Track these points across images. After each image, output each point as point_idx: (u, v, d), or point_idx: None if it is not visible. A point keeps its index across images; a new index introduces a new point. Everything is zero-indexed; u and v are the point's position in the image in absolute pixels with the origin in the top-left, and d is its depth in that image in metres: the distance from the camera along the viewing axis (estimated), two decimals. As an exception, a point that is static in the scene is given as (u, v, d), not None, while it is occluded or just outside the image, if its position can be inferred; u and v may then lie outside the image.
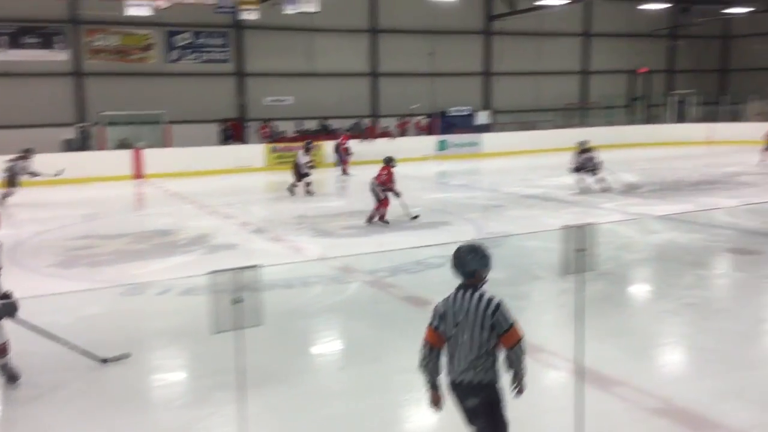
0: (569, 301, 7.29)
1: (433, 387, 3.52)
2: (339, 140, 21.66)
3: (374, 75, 26.75)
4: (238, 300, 2.48)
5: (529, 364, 5.61)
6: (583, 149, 15.57)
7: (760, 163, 19.51)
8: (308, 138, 23.42)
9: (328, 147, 22.78)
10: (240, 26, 23.83)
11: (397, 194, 12.05)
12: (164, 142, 22.33)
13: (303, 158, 16.07)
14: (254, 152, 22.30)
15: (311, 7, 20.21)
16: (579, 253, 2.39)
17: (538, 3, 24.93)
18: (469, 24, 28.16)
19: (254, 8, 20.02)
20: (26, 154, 15.81)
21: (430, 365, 3.47)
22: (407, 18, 26.77)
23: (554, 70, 30.26)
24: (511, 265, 8.79)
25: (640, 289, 8.50)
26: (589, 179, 15.31)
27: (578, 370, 4.36)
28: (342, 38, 25.91)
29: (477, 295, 3.41)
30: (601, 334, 6.40)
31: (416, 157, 23.77)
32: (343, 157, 20.99)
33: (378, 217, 12.03)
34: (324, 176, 20.88)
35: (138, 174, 20.33)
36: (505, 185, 17.04)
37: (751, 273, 8.52)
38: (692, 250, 9.67)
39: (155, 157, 20.79)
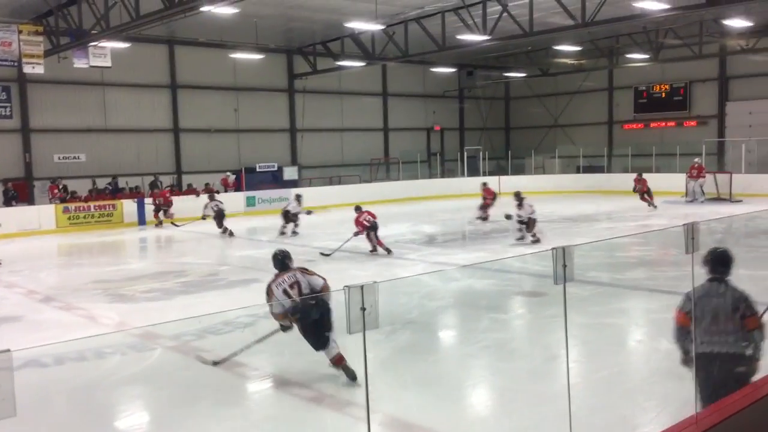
0: (380, 353, 7.45)
1: (688, 355, 4.46)
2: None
3: (176, 131, 26.00)
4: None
5: (342, 419, 5.64)
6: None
7: (649, 207, 20.82)
8: (103, 197, 22.11)
9: (127, 206, 21.60)
10: (24, 80, 22.08)
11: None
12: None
13: (297, 208, 17.80)
14: (43, 214, 20.49)
15: (103, 62, 19.31)
16: (363, 311, 2.42)
17: (338, 63, 25.91)
18: (272, 81, 28.49)
19: (39, 62, 18.70)
20: None
21: (685, 341, 4.46)
22: (209, 74, 26.49)
23: (357, 127, 31.45)
24: (321, 320, 8.78)
25: (442, 335, 8.89)
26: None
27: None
28: (139, 93, 24.95)
29: (730, 285, 4.38)
30: (408, 382, 6.59)
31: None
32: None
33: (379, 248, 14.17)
34: (127, 236, 19.70)
35: None
36: (315, 239, 17.17)
37: (539, 313, 9.26)
38: (487, 295, 10.35)
39: None
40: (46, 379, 6.62)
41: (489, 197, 19.79)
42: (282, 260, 6.65)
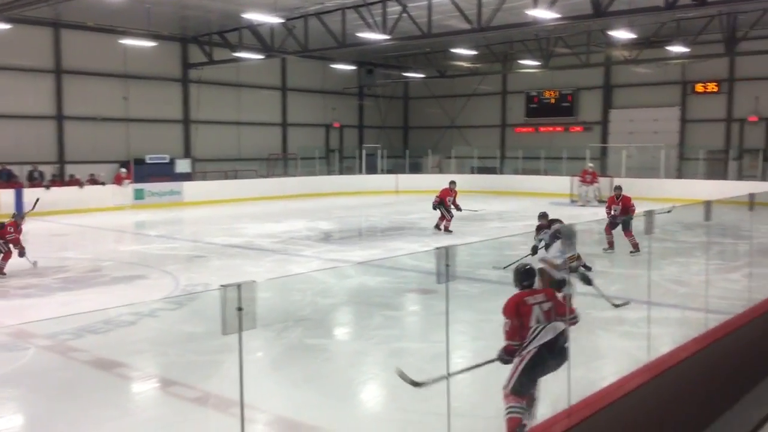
0: (271, 351, 7.34)
1: None
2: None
3: (59, 118, 24.57)
4: None
5: (226, 420, 5.49)
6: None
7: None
8: None
9: (4, 196, 20.22)
10: None
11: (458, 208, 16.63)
12: None
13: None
14: None
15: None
16: (239, 312, 2.35)
17: (235, 55, 25.33)
18: (165, 70, 27.44)
19: None
20: None
21: None
22: (98, 60, 25.17)
23: (255, 121, 30.86)
24: (210, 318, 8.54)
25: (334, 333, 8.87)
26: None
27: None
28: (20, 77, 23.35)
29: None
30: (298, 381, 6.52)
31: (111, 207, 22.32)
32: None
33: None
34: None
35: None
36: (207, 235, 16.74)
37: (430, 310, 9.41)
38: (381, 292, 10.43)
39: None
40: None
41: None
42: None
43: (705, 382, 4.84)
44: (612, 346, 7.46)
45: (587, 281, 8.04)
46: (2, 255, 11.37)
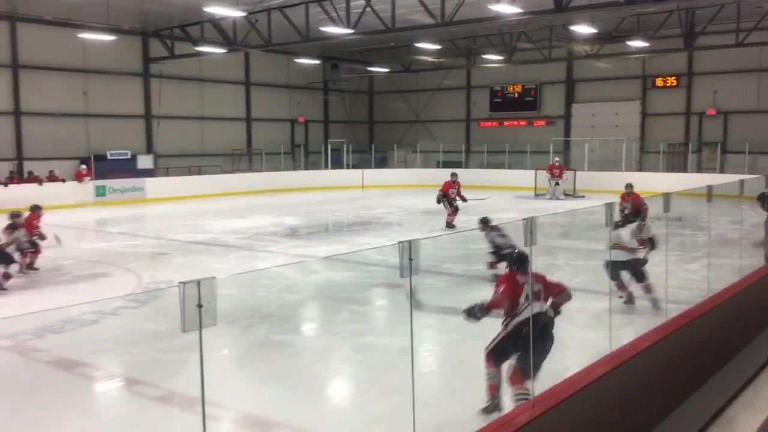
0: (237, 347, 7.28)
1: None
2: None
3: (17, 114, 23.97)
4: None
5: (191, 418, 5.43)
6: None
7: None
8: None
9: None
10: None
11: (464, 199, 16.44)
12: None
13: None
14: None
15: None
16: (199, 308, 2.32)
17: (197, 49, 25.00)
18: (126, 65, 26.93)
19: None
20: None
21: None
22: (56, 54, 24.63)
23: (219, 116, 30.53)
24: (174, 316, 8.45)
25: (301, 329, 8.84)
26: None
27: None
28: (-25, 72, 22.82)
29: None
30: (265, 377, 6.49)
31: (72, 204, 21.87)
32: None
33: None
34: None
35: None
36: (171, 231, 16.52)
37: (396, 305, 9.42)
38: (347, 287, 10.41)
39: None
40: None
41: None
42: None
43: (666, 371, 4.94)
44: (574, 336, 7.56)
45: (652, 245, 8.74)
46: (33, 251, 11.40)
